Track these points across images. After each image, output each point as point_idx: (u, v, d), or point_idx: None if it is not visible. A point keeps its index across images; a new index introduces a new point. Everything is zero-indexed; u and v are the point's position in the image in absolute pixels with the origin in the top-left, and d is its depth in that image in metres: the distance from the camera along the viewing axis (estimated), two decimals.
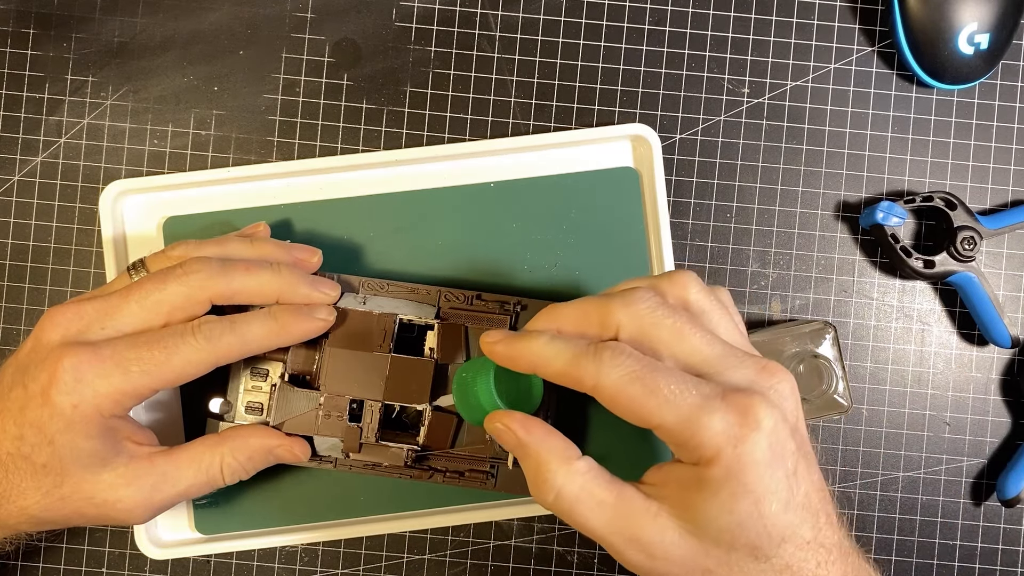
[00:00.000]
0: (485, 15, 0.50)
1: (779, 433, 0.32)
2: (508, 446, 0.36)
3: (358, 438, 0.43)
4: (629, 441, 0.46)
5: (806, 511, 0.33)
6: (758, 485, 0.32)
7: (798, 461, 0.33)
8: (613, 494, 0.34)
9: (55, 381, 0.37)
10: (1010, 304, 0.51)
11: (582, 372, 0.33)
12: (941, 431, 0.51)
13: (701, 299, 0.36)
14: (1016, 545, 0.50)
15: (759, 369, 0.34)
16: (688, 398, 0.32)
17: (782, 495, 0.32)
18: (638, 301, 0.34)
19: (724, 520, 0.32)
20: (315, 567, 0.49)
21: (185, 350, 0.38)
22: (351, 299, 0.44)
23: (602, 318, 0.35)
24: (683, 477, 0.33)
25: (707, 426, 0.32)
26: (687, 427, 0.32)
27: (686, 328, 0.34)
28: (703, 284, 0.36)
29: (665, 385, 0.32)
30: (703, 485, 0.32)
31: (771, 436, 0.32)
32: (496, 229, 0.48)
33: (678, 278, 0.36)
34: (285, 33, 0.50)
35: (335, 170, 0.48)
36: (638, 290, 0.35)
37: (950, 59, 0.48)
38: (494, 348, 0.36)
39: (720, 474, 0.32)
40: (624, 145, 0.49)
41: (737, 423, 0.32)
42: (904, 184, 0.51)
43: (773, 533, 0.32)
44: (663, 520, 0.33)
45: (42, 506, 0.38)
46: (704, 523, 0.32)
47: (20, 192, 0.50)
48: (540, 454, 0.35)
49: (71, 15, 0.50)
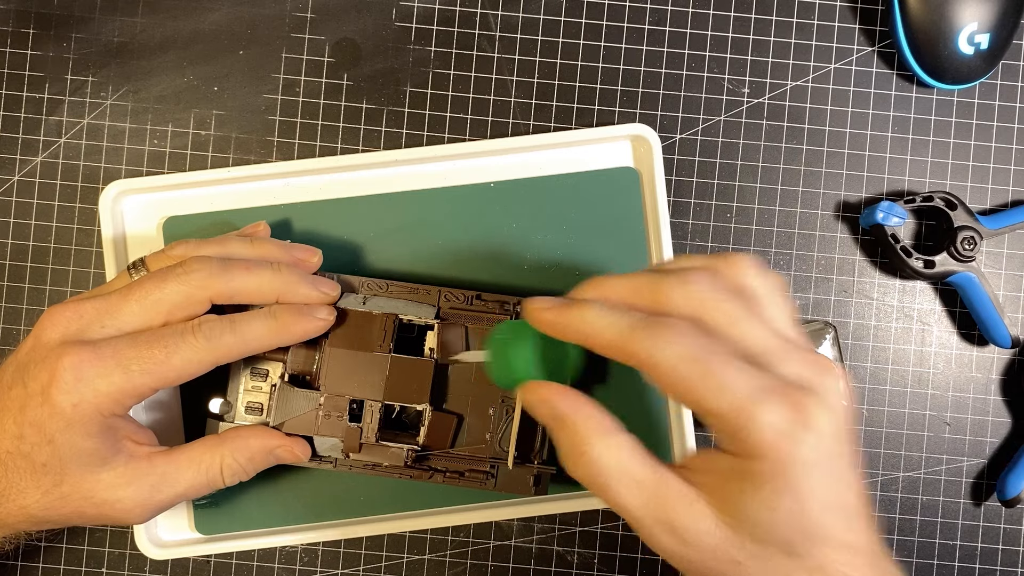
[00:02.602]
0: (485, 15, 0.50)
1: (831, 435, 0.31)
2: (542, 418, 0.35)
3: (358, 438, 0.43)
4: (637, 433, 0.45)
5: (844, 513, 0.32)
6: (803, 485, 0.31)
7: (844, 463, 0.32)
8: (652, 474, 0.33)
9: (55, 380, 0.37)
10: (1010, 304, 0.51)
11: (637, 346, 0.32)
12: (941, 431, 0.51)
13: (758, 284, 0.34)
14: (1016, 545, 0.50)
15: (813, 364, 0.33)
16: (744, 387, 0.31)
17: (825, 496, 0.31)
18: (695, 281, 0.33)
19: (764, 516, 0.31)
20: (315, 567, 0.49)
21: (185, 349, 0.38)
22: (351, 299, 0.44)
23: (655, 294, 0.33)
24: (726, 467, 0.32)
25: (760, 419, 0.31)
26: (740, 417, 0.31)
27: (743, 315, 0.33)
28: (761, 268, 0.35)
29: (722, 370, 0.31)
30: (747, 478, 0.31)
31: (823, 437, 0.31)
32: (496, 229, 0.48)
33: (737, 260, 0.34)
34: (285, 33, 0.50)
35: (335, 170, 0.48)
36: (695, 271, 0.34)
37: (950, 59, 0.48)
38: (542, 315, 0.35)
39: (767, 469, 0.31)
40: (624, 145, 0.49)
41: (791, 419, 0.31)
42: (904, 184, 0.51)
43: (810, 532, 0.32)
44: (700, 507, 0.32)
45: (42, 505, 0.38)
46: (743, 516, 0.32)
47: (20, 192, 0.50)
48: (578, 424, 0.33)
49: (71, 15, 0.50)
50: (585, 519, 0.50)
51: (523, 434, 0.43)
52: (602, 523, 0.50)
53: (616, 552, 0.50)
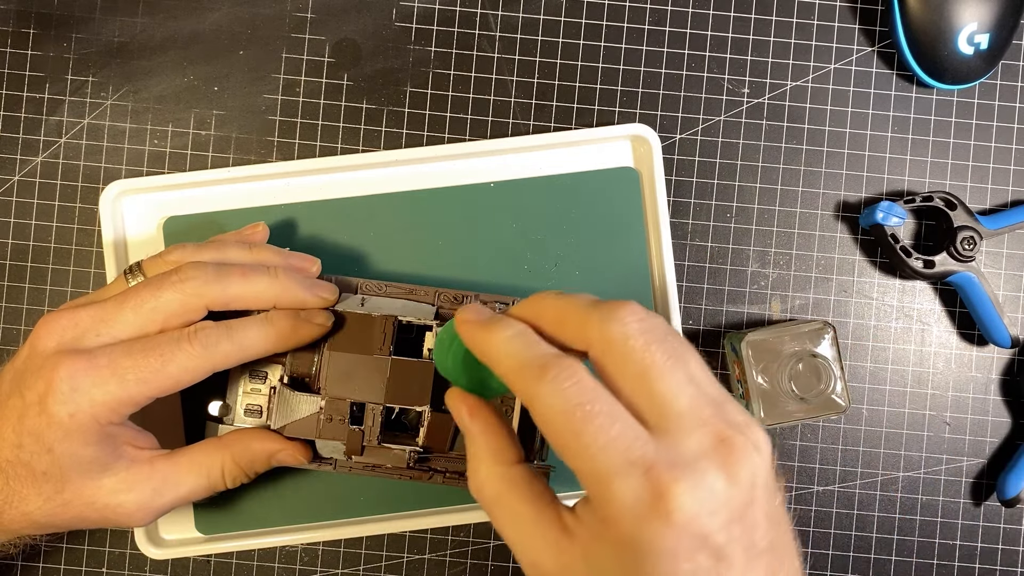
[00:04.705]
0: (485, 15, 0.50)
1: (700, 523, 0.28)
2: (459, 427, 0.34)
3: (360, 441, 0.43)
4: None
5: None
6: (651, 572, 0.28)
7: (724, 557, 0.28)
8: (532, 511, 0.31)
9: (51, 391, 0.37)
10: (1010, 304, 0.51)
11: (524, 385, 0.30)
12: (941, 431, 0.51)
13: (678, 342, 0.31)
14: (1016, 545, 0.50)
15: (717, 443, 0.29)
16: (607, 456, 0.28)
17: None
18: (616, 321, 0.30)
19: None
20: (315, 567, 0.49)
21: (181, 358, 0.38)
22: (350, 300, 0.44)
23: (578, 329, 0.31)
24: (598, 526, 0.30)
25: (614, 493, 0.28)
26: (595, 484, 0.29)
27: (653, 370, 0.30)
28: None
29: (596, 431, 0.29)
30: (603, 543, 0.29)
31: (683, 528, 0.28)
32: (496, 229, 0.48)
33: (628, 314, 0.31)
34: (285, 33, 0.50)
35: (335, 170, 0.48)
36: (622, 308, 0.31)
37: (950, 59, 0.48)
38: (463, 327, 0.34)
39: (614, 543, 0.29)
40: (624, 145, 0.49)
41: (646, 503, 0.28)
42: (904, 184, 0.51)
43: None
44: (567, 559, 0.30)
45: (44, 511, 0.38)
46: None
47: (20, 192, 0.50)
48: (478, 443, 0.33)
49: (71, 15, 0.50)
50: None
51: (523, 434, 0.43)
52: None
53: None
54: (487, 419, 0.34)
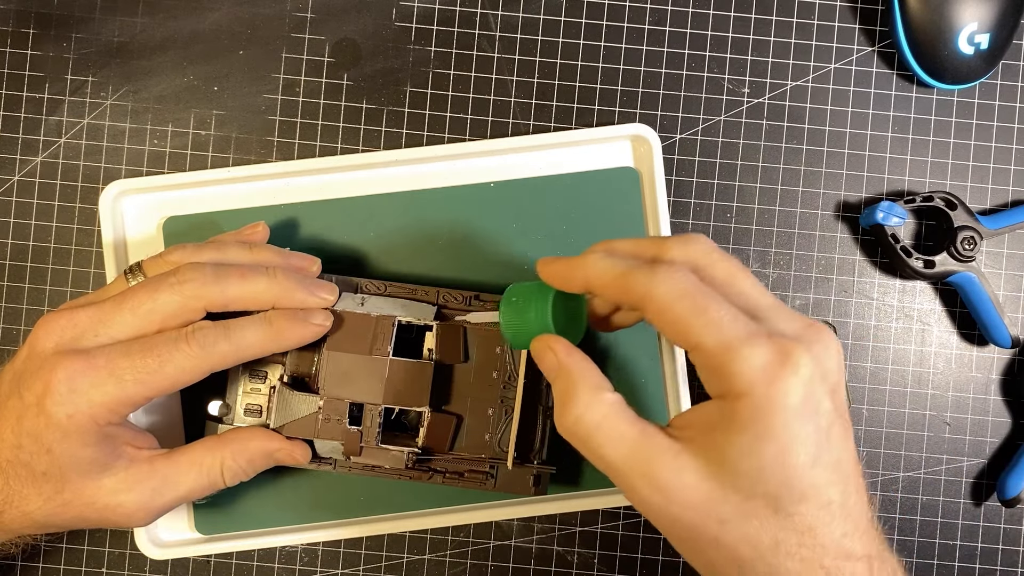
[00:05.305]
0: (485, 15, 0.50)
1: (816, 385, 0.31)
2: (546, 369, 0.36)
3: (359, 442, 0.43)
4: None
5: (836, 474, 0.31)
6: (785, 432, 0.30)
7: (833, 422, 0.32)
8: (635, 429, 0.33)
9: (49, 392, 0.37)
10: (1010, 304, 0.51)
11: (634, 283, 0.33)
12: (941, 431, 0.51)
13: None
14: (1016, 545, 0.50)
15: (808, 325, 0.33)
16: (734, 326, 0.31)
17: (810, 450, 0.31)
18: (695, 242, 0.34)
19: (745, 463, 0.31)
20: (315, 567, 0.49)
21: (179, 358, 0.38)
22: (350, 300, 0.43)
23: (657, 252, 0.35)
24: (710, 417, 0.32)
25: (745, 358, 0.31)
26: (725, 353, 0.31)
27: (740, 273, 0.34)
28: None
29: (715, 308, 0.32)
30: (729, 423, 0.31)
31: (807, 385, 0.31)
32: (496, 229, 0.48)
33: None
34: (285, 33, 0.50)
35: (335, 170, 0.48)
36: (695, 234, 0.35)
37: (950, 59, 0.48)
38: (553, 265, 0.37)
39: (748, 412, 0.31)
40: (624, 145, 0.49)
41: (776, 362, 0.31)
42: (904, 184, 0.51)
43: (795, 487, 0.31)
44: (683, 459, 0.32)
45: (44, 511, 0.39)
46: (727, 466, 0.31)
47: (20, 192, 0.50)
48: (572, 377, 0.35)
49: (71, 15, 0.50)
50: (585, 519, 0.50)
51: (522, 434, 0.44)
52: (602, 523, 0.50)
53: (616, 552, 0.50)
54: (580, 355, 0.36)
